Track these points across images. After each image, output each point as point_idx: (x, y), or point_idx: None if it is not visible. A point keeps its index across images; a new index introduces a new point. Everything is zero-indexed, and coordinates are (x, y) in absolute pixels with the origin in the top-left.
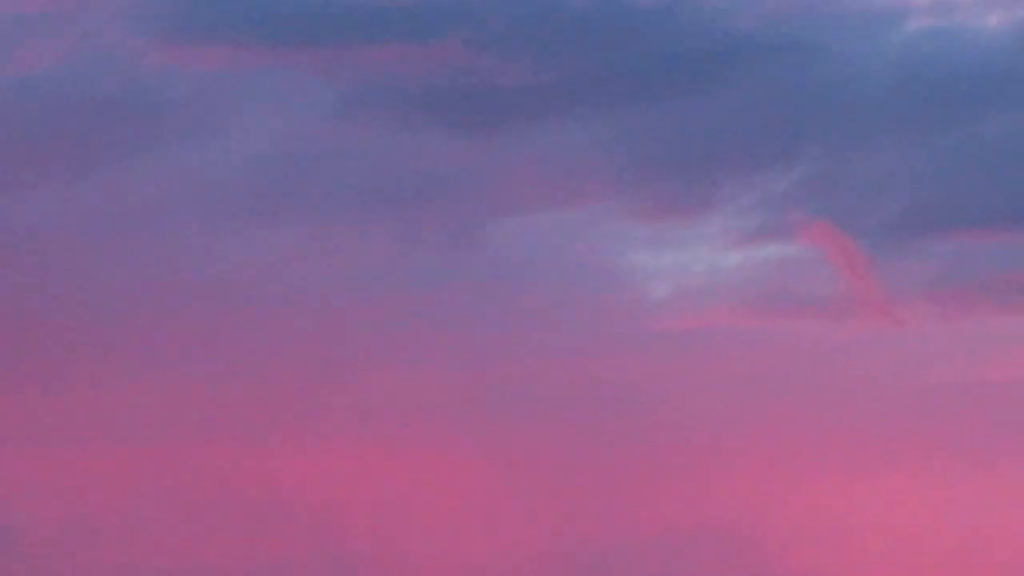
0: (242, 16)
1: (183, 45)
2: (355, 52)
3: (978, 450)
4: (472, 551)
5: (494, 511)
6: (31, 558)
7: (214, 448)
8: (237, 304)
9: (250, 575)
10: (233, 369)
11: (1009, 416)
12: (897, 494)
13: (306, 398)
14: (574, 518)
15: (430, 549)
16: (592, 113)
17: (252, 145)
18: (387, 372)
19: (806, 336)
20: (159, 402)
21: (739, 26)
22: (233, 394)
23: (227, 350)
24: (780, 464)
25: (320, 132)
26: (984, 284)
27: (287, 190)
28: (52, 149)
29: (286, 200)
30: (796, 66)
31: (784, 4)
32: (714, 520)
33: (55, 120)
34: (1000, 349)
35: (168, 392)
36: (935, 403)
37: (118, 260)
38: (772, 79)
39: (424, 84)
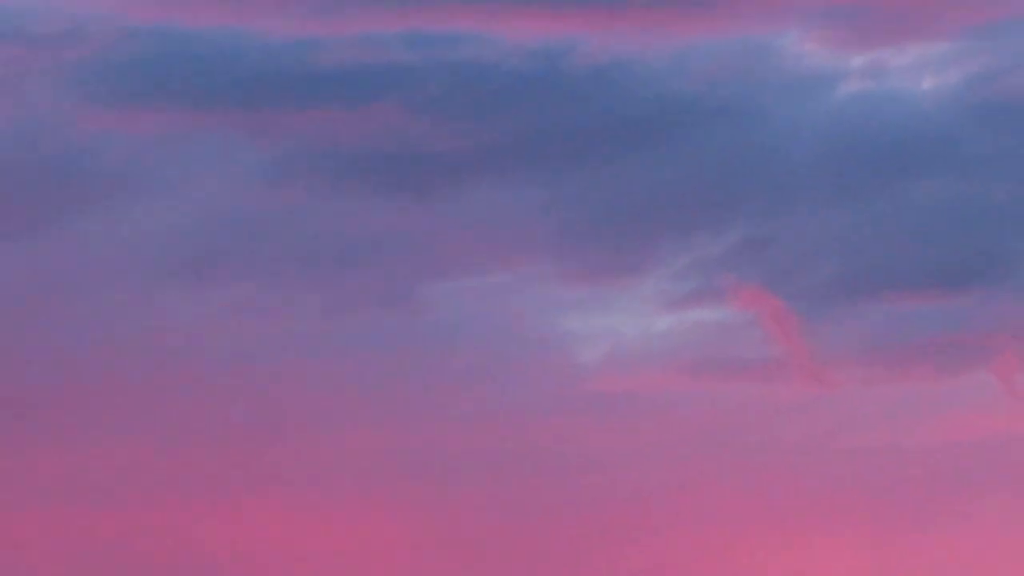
0: (177, 80)
1: (119, 109)
2: (290, 116)
3: (908, 513)
4: None
5: (429, 572)
6: None
7: (145, 508)
8: (170, 366)
9: None
10: (166, 430)
11: (939, 479)
12: (828, 557)
13: (238, 459)
14: None
15: None
16: (526, 177)
17: (187, 208)
18: (319, 434)
19: (738, 399)
20: (89, 463)
21: (673, 90)
22: (165, 455)
23: (159, 412)
24: (712, 527)
25: (254, 195)
26: (915, 347)
27: (221, 253)
28: None
29: (220, 262)
30: (730, 130)
31: (719, 68)
32: None
33: None
34: (930, 412)
35: (98, 454)
36: (866, 466)
37: (52, 321)
38: (706, 143)
39: (358, 148)
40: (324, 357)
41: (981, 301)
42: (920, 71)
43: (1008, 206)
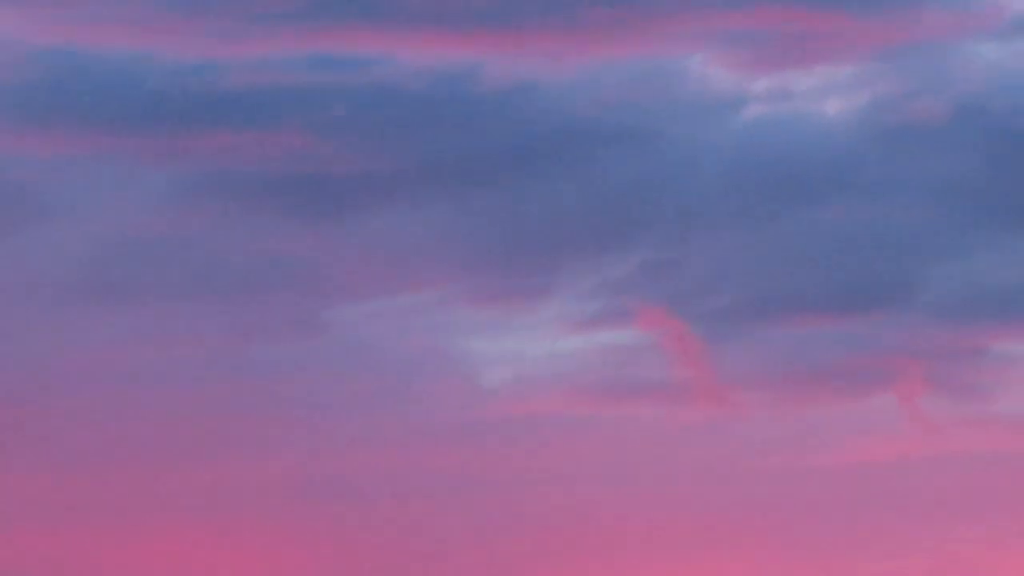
0: (81, 103)
1: (21, 131)
2: (194, 138)
3: (812, 536)
4: None
5: None
6: None
7: (43, 535)
8: (71, 390)
9: None
10: (65, 455)
11: (843, 502)
12: None
13: (141, 485)
14: None
15: None
16: (432, 199)
17: (89, 231)
18: (222, 459)
19: (643, 422)
20: None
21: (578, 113)
22: (65, 480)
23: (59, 437)
24: (616, 550)
25: (158, 218)
26: (818, 370)
27: (125, 276)
28: None
29: (124, 286)
30: (635, 152)
31: (623, 91)
32: None
33: None
34: (834, 435)
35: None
36: (770, 489)
37: None
38: (611, 165)
39: (263, 171)
40: (229, 382)
41: (884, 324)
42: (825, 94)
43: (912, 229)
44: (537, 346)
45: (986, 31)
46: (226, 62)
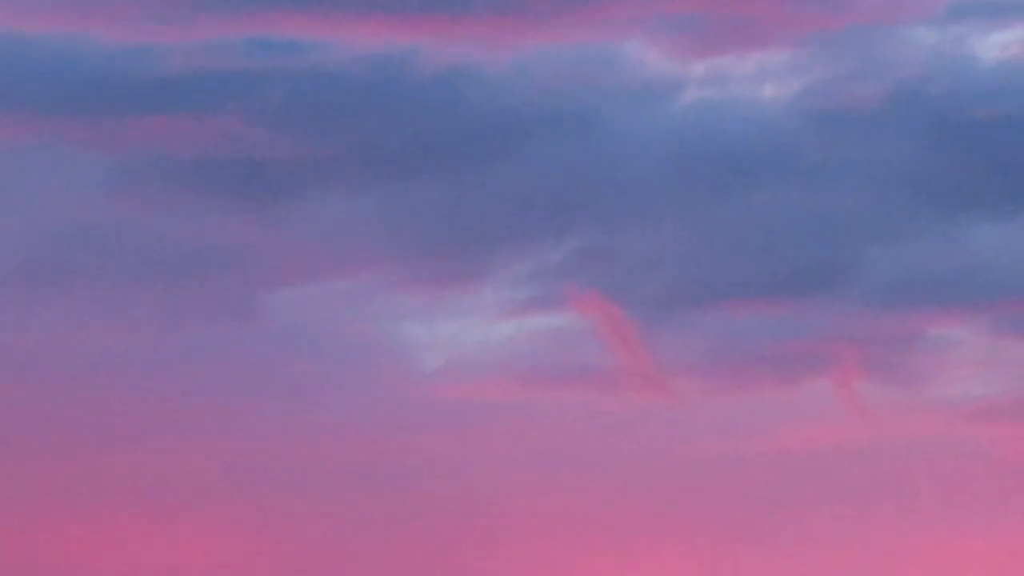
0: (14, 87)
1: None
2: (129, 123)
3: (747, 523)
4: None
5: None
6: None
7: None
8: (8, 375)
9: None
10: (2, 439)
11: (778, 489)
12: (666, 565)
13: (75, 469)
14: None
15: None
16: (368, 185)
17: (22, 216)
18: (158, 444)
19: (578, 408)
20: None
21: (514, 98)
22: (2, 464)
23: None
24: (549, 535)
25: (92, 204)
26: (754, 356)
27: (57, 262)
28: None
29: (56, 272)
30: (570, 137)
31: (560, 77)
32: None
33: None
34: (771, 421)
35: None
36: (706, 475)
37: None
38: (546, 150)
39: (199, 156)
40: (163, 368)
41: (820, 310)
42: (761, 79)
43: (848, 215)
44: (473, 331)
45: (922, 16)
46: (164, 47)
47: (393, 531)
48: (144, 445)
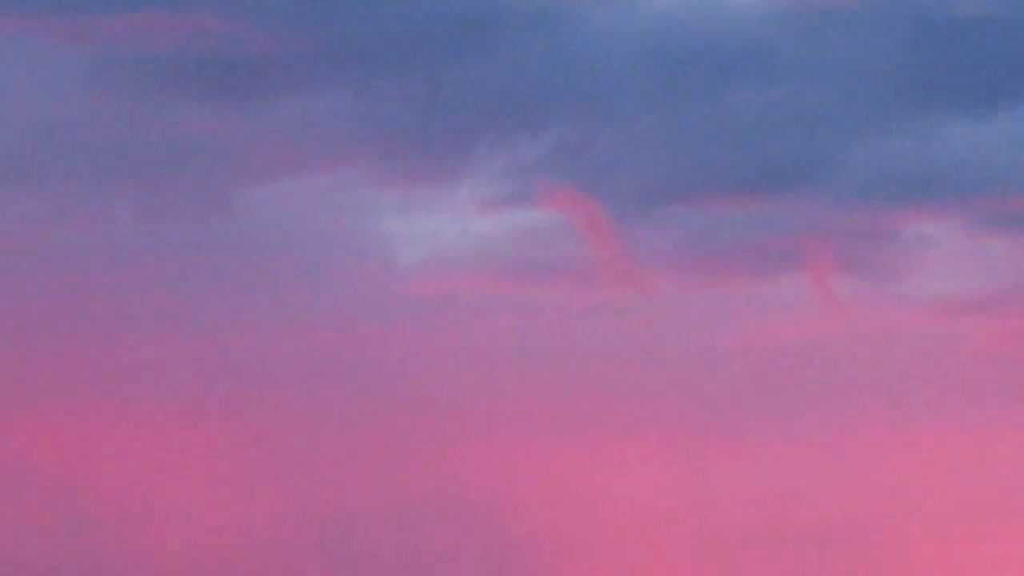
0: None
1: None
2: (106, 19)
3: (723, 417)
4: (211, 522)
5: (238, 482)
6: None
7: None
8: None
9: None
10: None
11: (753, 384)
12: (640, 461)
13: (48, 368)
14: (318, 489)
15: (170, 519)
16: (343, 80)
17: None
18: (132, 339)
19: (553, 303)
20: None
21: None
22: None
23: None
24: (524, 431)
25: (68, 101)
26: (730, 251)
27: (33, 159)
28: None
29: (32, 169)
30: (546, 35)
31: None
32: (455, 490)
33: None
34: (747, 316)
35: None
36: (680, 371)
37: None
38: (522, 46)
39: (175, 52)
40: (137, 263)
41: (796, 205)
42: None
43: (825, 111)
44: (449, 227)
45: None
46: None
47: (368, 425)
48: (118, 340)
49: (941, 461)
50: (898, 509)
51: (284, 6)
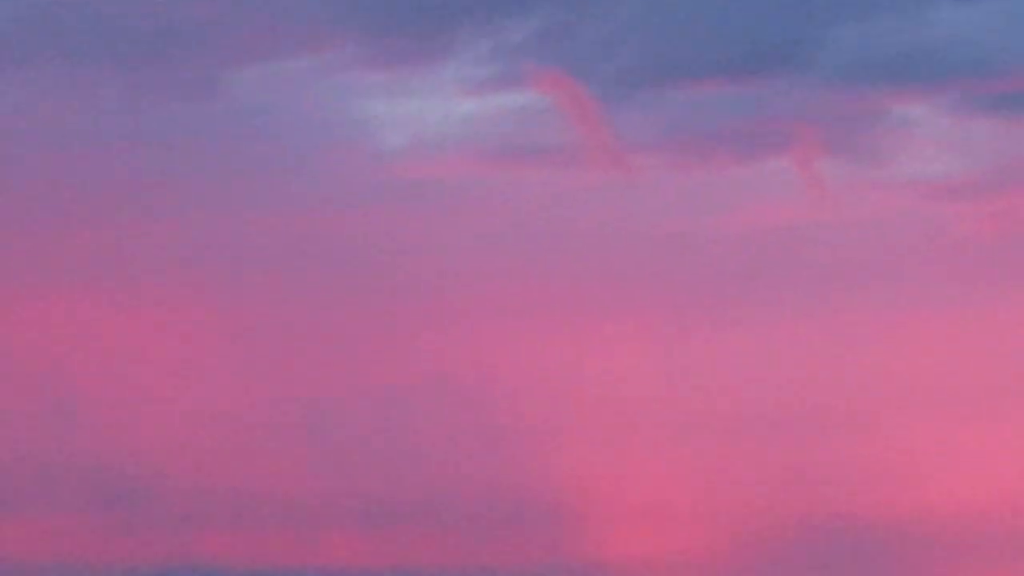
0: None
1: None
2: None
3: (708, 299)
4: (196, 407)
5: (226, 364)
6: None
7: None
8: None
9: None
10: None
11: (738, 267)
12: (627, 342)
13: (36, 249)
14: (306, 371)
15: (153, 403)
16: None
17: None
18: (118, 223)
19: (540, 185)
20: None
21: None
22: None
23: None
24: (512, 313)
25: None
26: (717, 134)
27: (18, 40)
28: None
29: (17, 50)
30: None
31: None
32: (446, 372)
33: None
34: (732, 199)
35: None
36: (667, 253)
37: None
38: None
39: None
40: (123, 146)
41: (782, 87)
42: None
43: None
44: (434, 110)
45: None
46: None
47: (353, 309)
48: (105, 223)
49: (927, 343)
50: (886, 391)
51: None
